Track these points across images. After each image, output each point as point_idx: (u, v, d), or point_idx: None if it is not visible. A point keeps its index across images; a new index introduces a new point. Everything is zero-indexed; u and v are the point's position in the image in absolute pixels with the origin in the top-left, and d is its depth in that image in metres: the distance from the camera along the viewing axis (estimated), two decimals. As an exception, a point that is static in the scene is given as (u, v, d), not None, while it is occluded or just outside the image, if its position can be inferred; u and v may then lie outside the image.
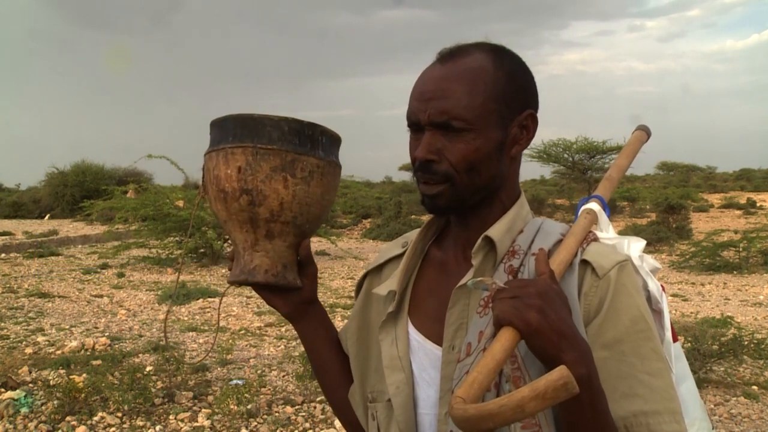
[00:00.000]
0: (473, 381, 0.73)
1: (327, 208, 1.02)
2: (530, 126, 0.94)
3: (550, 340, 0.75)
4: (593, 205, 1.01)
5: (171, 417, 3.96)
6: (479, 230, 0.93)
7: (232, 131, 0.96)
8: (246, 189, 0.94)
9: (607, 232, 1.00)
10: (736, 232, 14.29)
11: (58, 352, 5.44)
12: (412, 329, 0.99)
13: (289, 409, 4.15)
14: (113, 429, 3.76)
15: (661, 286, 0.97)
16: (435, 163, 0.90)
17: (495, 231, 0.92)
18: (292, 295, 1.05)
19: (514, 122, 0.92)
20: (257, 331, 6.46)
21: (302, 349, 1.18)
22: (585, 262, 0.88)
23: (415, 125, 0.93)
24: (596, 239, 0.94)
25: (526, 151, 0.98)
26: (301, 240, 1.01)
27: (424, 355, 0.96)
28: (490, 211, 0.95)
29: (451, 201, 0.92)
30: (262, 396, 4.34)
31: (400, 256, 1.05)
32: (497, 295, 0.79)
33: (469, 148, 0.89)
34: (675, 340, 0.97)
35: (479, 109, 0.89)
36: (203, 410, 4.08)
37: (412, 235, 1.05)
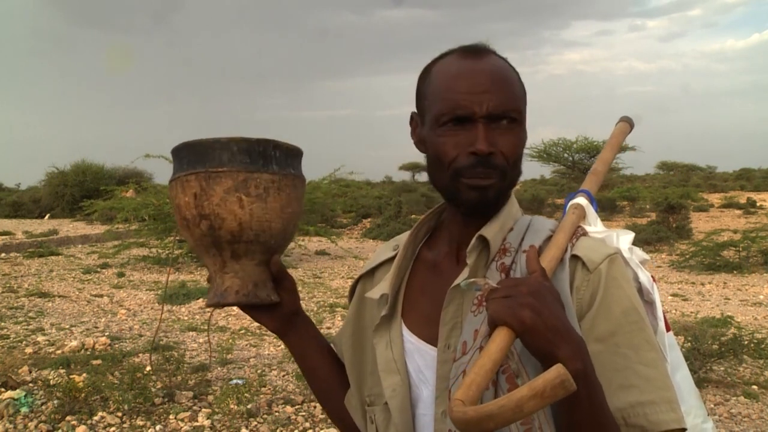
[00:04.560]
0: (471, 382, 0.73)
1: (291, 222, 1.01)
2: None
3: (545, 337, 0.75)
4: (581, 200, 1.02)
5: (171, 417, 3.96)
6: (476, 229, 0.94)
7: (186, 159, 0.97)
8: (204, 214, 0.95)
9: (596, 225, 1.01)
10: (736, 231, 14.28)
11: (58, 351, 5.44)
12: (406, 331, 0.99)
13: (289, 408, 4.16)
14: (113, 429, 3.76)
15: (652, 276, 0.97)
16: (494, 155, 0.89)
17: (489, 230, 0.93)
18: (274, 310, 1.05)
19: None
20: (257, 331, 6.45)
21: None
22: (575, 257, 0.89)
23: (464, 118, 0.89)
24: (585, 234, 0.95)
25: (525, 151, 1.00)
26: (270, 256, 1.01)
27: (420, 356, 0.96)
28: (494, 209, 0.95)
29: (498, 194, 0.93)
30: (262, 396, 4.34)
31: (391, 259, 1.05)
32: (490, 295, 0.79)
33: (519, 141, 0.93)
34: (668, 329, 0.98)
35: (523, 105, 0.94)
36: (203, 410, 4.08)
37: (403, 237, 1.05)
